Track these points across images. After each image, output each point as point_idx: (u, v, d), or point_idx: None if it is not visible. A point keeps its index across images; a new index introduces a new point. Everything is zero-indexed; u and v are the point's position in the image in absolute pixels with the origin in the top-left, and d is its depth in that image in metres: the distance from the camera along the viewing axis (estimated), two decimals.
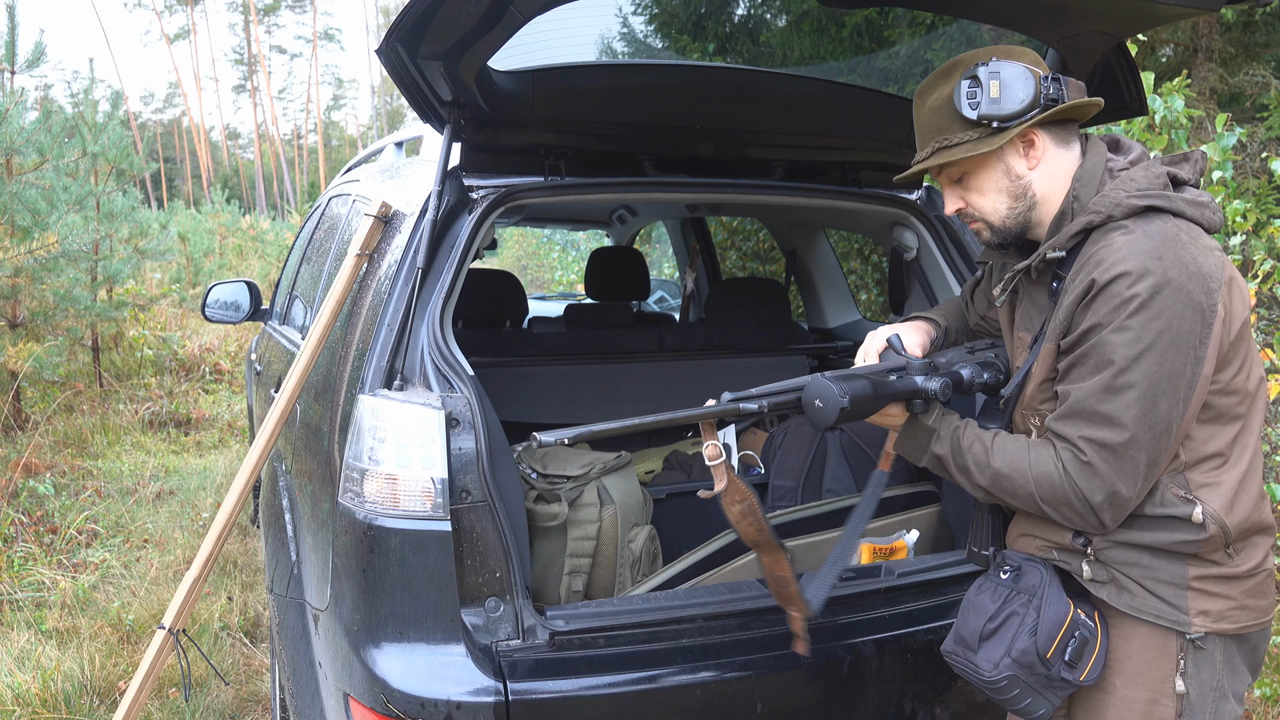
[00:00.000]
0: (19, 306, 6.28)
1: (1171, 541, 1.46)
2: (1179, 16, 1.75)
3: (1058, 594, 1.53)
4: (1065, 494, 1.45)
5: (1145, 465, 1.42)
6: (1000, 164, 1.56)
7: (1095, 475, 1.42)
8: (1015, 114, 1.49)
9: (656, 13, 6.16)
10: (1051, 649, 1.50)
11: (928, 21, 4.76)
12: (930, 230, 2.54)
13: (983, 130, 1.52)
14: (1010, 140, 1.52)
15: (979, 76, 1.50)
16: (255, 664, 3.48)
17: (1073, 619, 1.51)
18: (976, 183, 1.60)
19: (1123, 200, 1.45)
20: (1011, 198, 1.57)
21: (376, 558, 1.78)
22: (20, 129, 5.73)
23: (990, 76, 1.49)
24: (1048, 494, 1.47)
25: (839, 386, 1.53)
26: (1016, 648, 1.51)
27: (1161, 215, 1.45)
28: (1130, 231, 1.43)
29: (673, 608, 1.95)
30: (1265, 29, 5.45)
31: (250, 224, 17.04)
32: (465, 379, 1.90)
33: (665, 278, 9.06)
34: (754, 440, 3.29)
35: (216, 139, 51.55)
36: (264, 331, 4.19)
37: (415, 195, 2.17)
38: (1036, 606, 1.52)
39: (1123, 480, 1.42)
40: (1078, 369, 1.45)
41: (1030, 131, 1.52)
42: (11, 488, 5.02)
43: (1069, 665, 1.50)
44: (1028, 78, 1.48)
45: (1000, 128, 1.50)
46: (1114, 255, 1.41)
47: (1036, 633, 1.50)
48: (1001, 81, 1.49)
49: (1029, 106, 1.48)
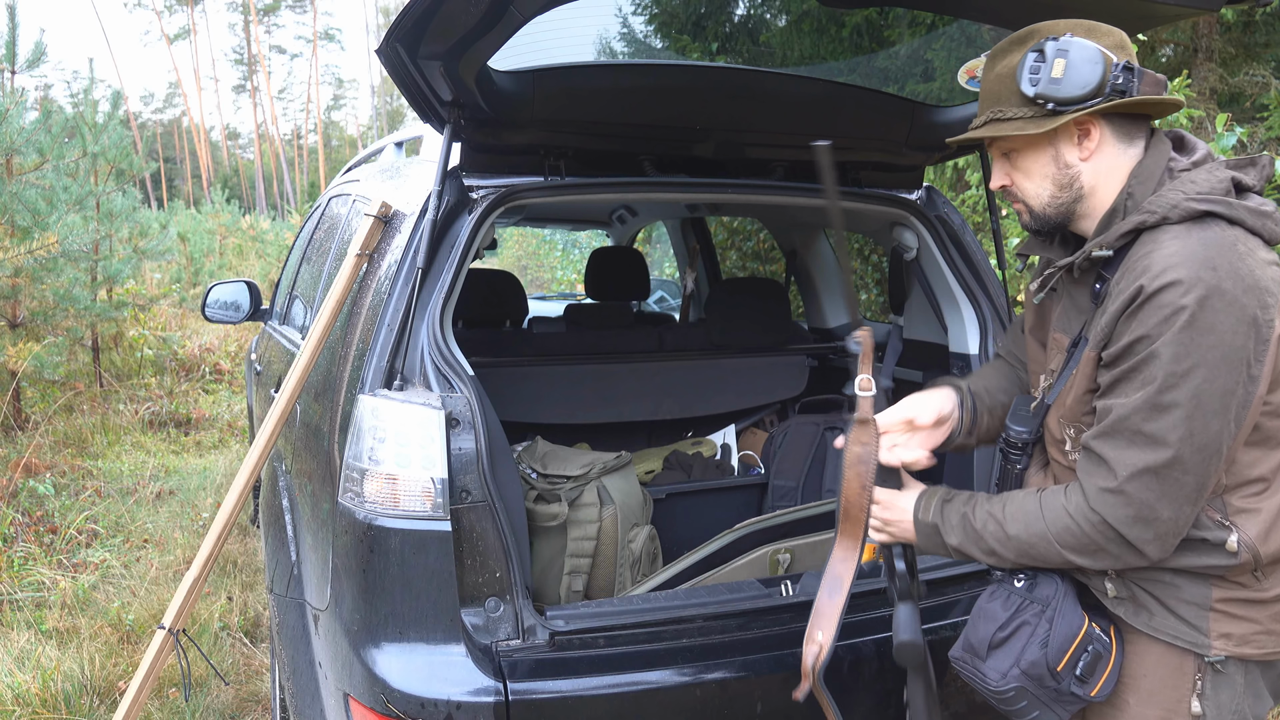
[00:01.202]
0: (19, 306, 6.28)
1: (1200, 565, 1.40)
2: (1179, 16, 1.76)
3: (1072, 606, 1.47)
4: (1094, 539, 1.37)
5: (1193, 489, 1.33)
6: (1051, 148, 1.46)
7: (1128, 504, 1.34)
8: (1073, 99, 1.38)
9: (656, 13, 6.16)
10: (1063, 662, 1.44)
11: (928, 21, 4.75)
12: (930, 230, 2.54)
13: (1037, 109, 1.41)
14: (1065, 126, 1.42)
15: (1045, 51, 1.39)
16: (255, 664, 3.48)
17: (1086, 633, 1.45)
18: (1024, 162, 1.50)
19: (1180, 202, 1.35)
20: (1056, 186, 1.47)
21: (376, 558, 1.78)
22: (20, 129, 5.74)
23: (1057, 54, 1.38)
24: (1078, 546, 1.39)
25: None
26: (1026, 659, 1.45)
27: (1219, 222, 1.34)
28: (1183, 237, 1.33)
29: (673, 608, 1.95)
30: (1265, 29, 5.45)
31: (250, 224, 17.05)
32: (465, 379, 1.90)
33: (665, 278, 9.05)
34: (754, 440, 3.29)
35: (216, 139, 51.57)
36: (264, 331, 4.19)
37: (415, 195, 2.17)
38: (1050, 618, 1.46)
39: (1165, 504, 1.33)
40: (1122, 384, 1.35)
41: (1088, 120, 1.42)
42: (11, 488, 5.02)
43: (1080, 680, 1.45)
44: (1097, 62, 1.37)
45: (1055, 110, 1.40)
46: (1164, 261, 1.31)
47: (1048, 645, 1.44)
48: (1068, 61, 1.37)
49: (1090, 94, 1.37)
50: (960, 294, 2.52)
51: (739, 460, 3.17)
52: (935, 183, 5.25)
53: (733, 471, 3.10)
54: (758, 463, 3.10)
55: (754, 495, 2.95)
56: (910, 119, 2.42)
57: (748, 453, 3.20)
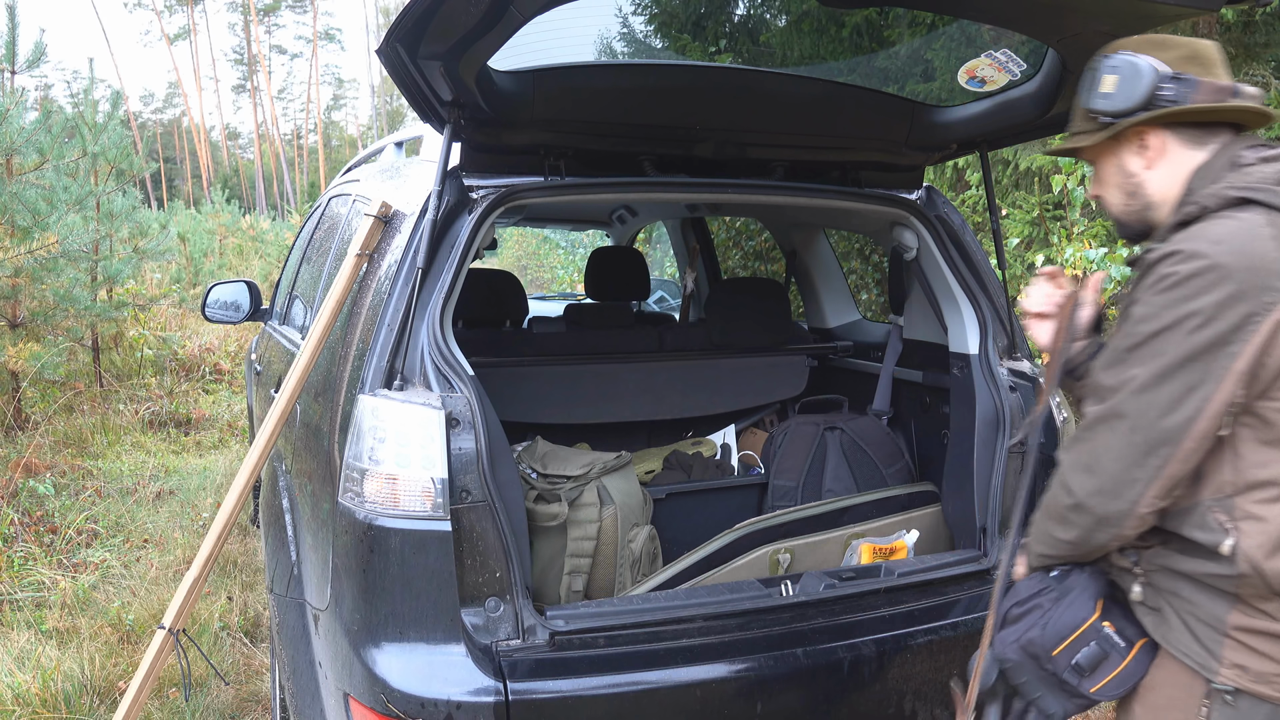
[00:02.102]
0: (19, 306, 6.27)
1: (1203, 573, 1.37)
2: (1179, 16, 1.75)
3: (1085, 600, 1.48)
4: (1055, 496, 1.43)
5: (1141, 449, 1.33)
6: (1116, 158, 1.53)
7: (1078, 451, 1.40)
8: (1121, 111, 1.45)
9: (656, 13, 6.16)
10: (1059, 648, 1.46)
11: (928, 21, 4.76)
12: (930, 230, 2.54)
13: (1094, 123, 1.50)
14: (1127, 136, 1.49)
15: (1098, 68, 1.49)
16: (255, 664, 3.48)
17: (1091, 627, 1.46)
18: (1098, 173, 1.58)
19: (1221, 191, 1.37)
20: (1125, 194, 1.54)
21: (376, 558, 1.78)
22: (20, 129, 5.73)
23: (1107, 70, 1.47)
24: (1049, 508, 1.45)
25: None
26: (1026, 636, 1.50)
27: (1255, 208, 1.34)
28: (1211, 222, 1.35)
29: (673, 608, 1.95)
30: (1265, 29, 5.45)
31: (250, 224, 17.05)
32: (465, 379, 1.90)
33: (665, 278, 9.05)
34: (754, 440, 3.29)
35: (216, 139, 51.56)
36: (264, 331, 4.19)
37: (415, 195, 2.17)
38: (1060, 604, 1.49)
39: (1110, 456, 1.36)
40: (1104, 349, 1.42)
41: (1145, 131, 1.48)
42: (11, 488, 5.02)
43: (1076, 670, 1.46)
44: (1142, 76, 1.43)
45: (1108, 123, 1.48)
46: (1179, 241, 1.34)
47: (1046, 628, 1.48)
48: (1118, 77, 1.45)
49: (1137, 106, 1.44)
50: (960, 294, 2.52)
51: (739, 460, 3.17)
52: (935, 183, 5.25)
53: (733, 471, 3.10)
54: (758, 463, 3.10)
55: (754, 495, 2.95)
56: (910, 119, 2.42)
57: (748, 453, 3.20)
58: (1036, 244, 4.60)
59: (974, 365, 2.44)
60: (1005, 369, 2.40)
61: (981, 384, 2.40)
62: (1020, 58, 2.07)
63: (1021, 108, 2.20)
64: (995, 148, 2.53)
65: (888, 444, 2.95)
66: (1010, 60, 2.09)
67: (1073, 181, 3.64)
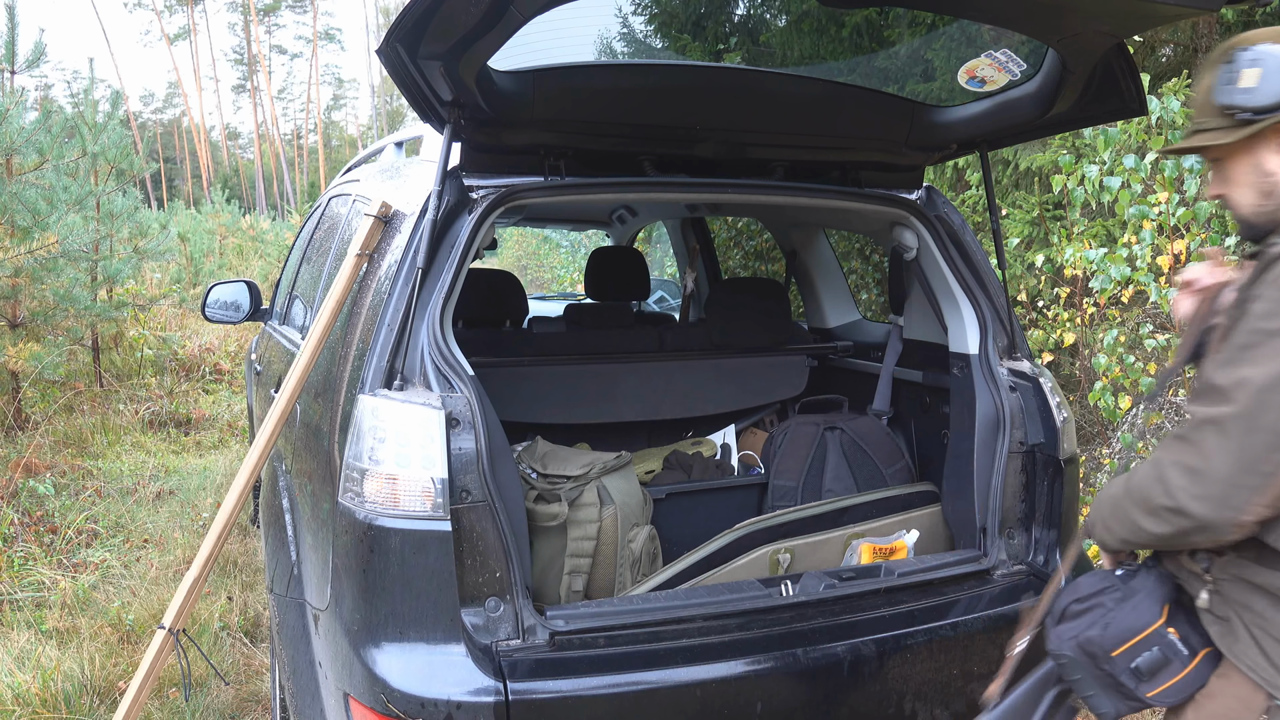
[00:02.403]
0: (19, 306, 6.27)
1: (1276, 585, 1.35)
2: (1179, 16, 1.75)
3: (1151, 604, 1.46)
4: (1149, 488, 1.36)
5: (1259, 453, 1.27)
6: (1251, 157, 1.44)
7: (1185, 450, 1.32)
8: (1265, 108, 1.36)
9: (656, 13, 6.16)
10: (1119, 650, 1.44)
11: (928, 21, 4.76)
12: (930, 230, 2.53)
13: (1230, 119, 1.41)
14: (1265, 135, 1.40)
15: (1236, 61, 1.39)
16: (255, 664, 3.48)
17: (1156, 632, 1.44)
18: (1228, 171, 1.48)
19: None
20: (1259, 194, 1.44)
21: (376, 558, 1.78)
22: (20, 129, 5.73)
23: (1250, 63, 1.37)
24: (1139, 498, 1.38)
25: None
26: (1086, 635, 1.48)
27: None
28: None
29: (673, 608, 1.95)
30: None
31: (250, 224, 17.04)
32: (465, 379, 1.90)
33: (665, 278, 9.05)
34: (754, 440, 3.29)
35: (216, 139, 51.55)
36: (264, 331, 4.19)
37: (415, 195, 2.17)
38: (1125, 605, 1.47)
39: (1221, 458, 1.29)
40: (1218, 345, 1.35)
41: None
42: (11, 488, 5.02)
43: (1135, 674, 1.44)
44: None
45: (1248, 120, 1.38)
46: None
47: (1108, 628, 1.45)
48: (1263, 70, 1.36)
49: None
50: (960, 294, 2.52)
51: (739, 460, 3.17)
52: (935, 183, 5.25)
53: (733, 471, 3.10)
54: (758, 463, 3.10)
55: (754, 495, 2.95)
56: (910, 119, 2.42)
57: (748, 453, 3.20)
58: (1036, 244, 4.60)
59: (974, 365, 2.44)
60: (1005, 369, 2.40)
61: (981, 384, 2.40)
62: (1020, 58, 2.07)
63: (1021, 108, 2.20)
64: (995, 148, 2.53)
65: (888, 444, 2.95)
66: (1010, 60, 2.08)
67: (1073, 181, 3.64)
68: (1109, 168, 3.49)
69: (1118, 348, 3.50)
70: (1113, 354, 3.50)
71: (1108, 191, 3.52)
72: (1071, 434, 2.35)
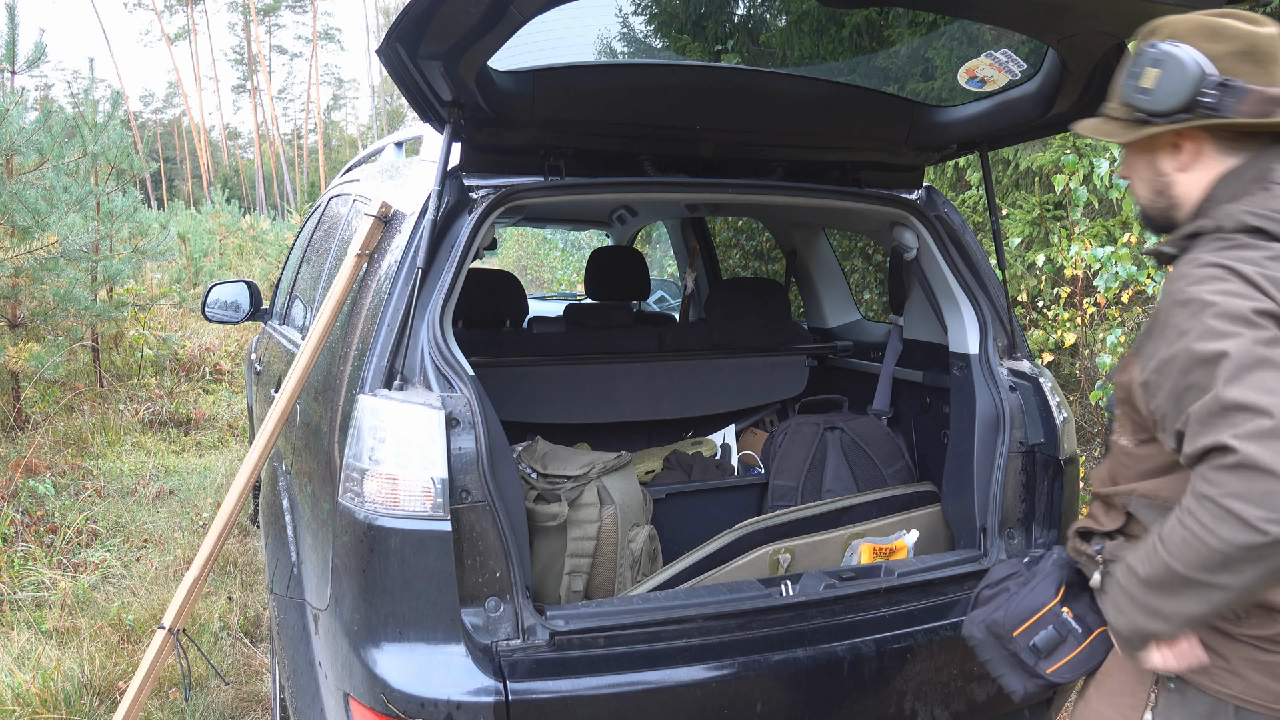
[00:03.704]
0: (19, 306, 6.27)
1: None
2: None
3: (1048, 585, 1.54)
4: (1208, 536, 1.15)
5: None
6: (1147, 155, 1.42)
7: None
8: (1158, 113, 1.33)
9: (656, 13, 6.16)
10: (1019, 629, 1.53)
11: (928, 21, 4.76)
12: (930, 230, 2.53)
13: (1131, 116, 1.38)
14: (1160, 136, 1.37)
15: (1143, 56, 1.33)
16: (255, 664, 3.48)
17: (1050, 611, 1.52)
18: (1129, 161, 1.48)
19: (1237, 213, 1.29)
20: (1153, 191, 1.44)
21: (376, 558, 1.78)
22: (20, 129, 5.73)
23: (1152, 62, 1.32)
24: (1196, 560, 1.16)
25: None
26: (991, 617, 1.57)
27: (1271, 239, 1.26)
28: (1218, 245, 1.27)
29: (673, 608, 1.95)
30: None
31: (250, 224, 17.04)
32: (465, 379, 1.90)
33: (665, 278, 9.05)
34: (754, 440, 3.29)
35: (216, 139, 51.54)
36: (264, 331, 4.19)
37: (415, 195, 2.16)
38: (1024, 588, 1.57)
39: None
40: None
41: (1182, 134, 1.36)
42: (11, 488, 5.02)
43: (1034, 652, 1.52)
44: (1185, 77, 1.29)
45: (1143, 120, 1.35)
46: (1192, 264, 1.27)
47: (1010, 609, 1.54)
48: (1161, 72, 1.31)
49: (1175, 109, 1.31)
50: (960, 294, 2.52)
51: (739, 460, 3.17)
52: (935, 183, 5.24)
53: (733, 471, 3.10)
54: (758, 463, 3.10)
55: (754, 495, 2.95)
56: (910, 119, 2.42)
57: (748, 453, 3.20)
58: (1037, 244, 4.59)
59: (974, 365, 2.44)
60: (1005, 369, 2.40)
61: (981, 384, 2.40)
62: (1020, 58, 2.07)
63: (1021, 108, 2.20)
64: (995, 148, 2.53)
65: (888, 444, 2.95)
66: (1010, 60, 2.08)
67: (1075, 181, 3.64)
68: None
69: (1120, 348, 3.50)
70: (1115, 354, 3.50)
71: (1116, 189, 3.52)
72: (1071, 434, 2.35)
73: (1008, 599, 1.58)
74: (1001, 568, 1.67)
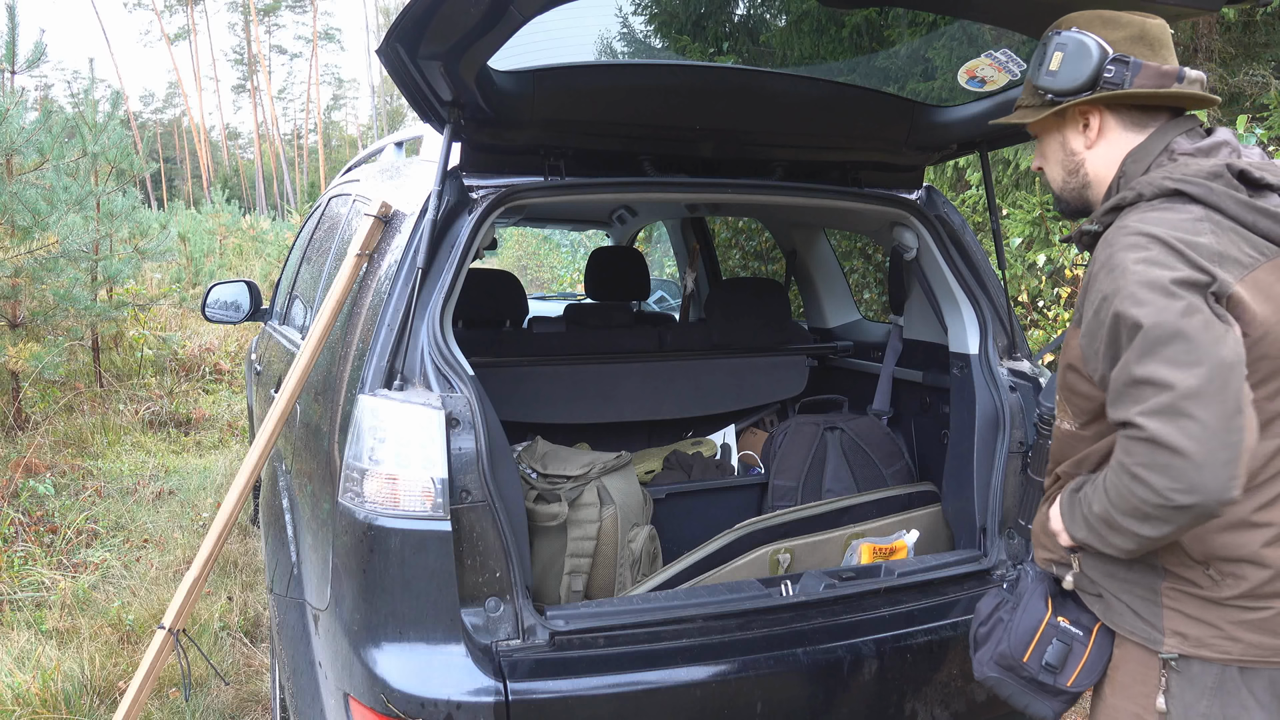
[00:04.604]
0: (19, 306, 6.27)
1: None
2: (1179, 16, 1.75)
3: (1037, 601, 1.55)
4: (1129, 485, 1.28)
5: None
6: (1059, 135, 1.55)
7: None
8: (1065, 91, 1.46)
9: (656, 13, 6.16)
10: (1027, 653, 1.52)
11: (928, 21, 4.76)
12: (930, 230, 2.54)
13: (1041, 99, 1.51)
14: (1071, 115, 1.50)
15: (1048, 44, 1.48)
16: (255, 664, 3.48)
17: (1049, 624, 1.52)
18: (1042, 148, 1.60)
19: (1157, 180, 1.38)
20: (1065, 171, 1.56)
21: (376, 558, 1.78)
22: (20, 129, 5.72)
23: (1055, 47, 1.47)
24: (1126, 510, 1.29)
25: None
26: (998, 650, 1.56)
27: (1191, 202, 1.34)
28: (1145, 210, 1.36)
29: (673, 608, 1.95)
30: (1265, 29, 5.45)
31: (250, 224, 17.04)
32: (465, 379, 1.90)
33: (665, 278, 9.05)
34: (754, 440, 3.29)
35: (216, 139, 51.54)
36: (264, 331, 4.19)
37: (415, 195, 2.17)
38: (1015, 612, 1.56)
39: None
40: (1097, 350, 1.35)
41: (1089, 109, 1.49)
42: (11, 488, 5.02)
43: (1049, 669, 1.51)
44: (1088, 56, 1.44)
45: (1053, 100, 1.49)
46: (1119, 231, 1.35)
47: (1011, 637, 1.54)
48: (1064, 55, 1.46)
49: (1081, 86, 1.45)
50: (960, 294, 2.52)
51: (739, 460, 3.17)
52: (935, 183, 5.25)
53: (733, 471, 3.10)
54: (758, 463, 3.10)
55: (754, 495, 2.95)
56: (910, 119, 2.42)
57: (748, 453, 3.20)
58: (1037, 244, 4.59)
59: (974, 365, 2.44)
60: (1005, 369, 2.40)
61: (981, 384, 2.40)
62: (1020, 58, 2.07)
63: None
64: (995, 148, 2.53)
65: (888, 444, 2.95)
66: (1010, 60, 2.08)
67: None
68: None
69: None
70: None
71: None
72: None
73: (1005, 629, 1.57)
74: (986, 602, 1.65)
